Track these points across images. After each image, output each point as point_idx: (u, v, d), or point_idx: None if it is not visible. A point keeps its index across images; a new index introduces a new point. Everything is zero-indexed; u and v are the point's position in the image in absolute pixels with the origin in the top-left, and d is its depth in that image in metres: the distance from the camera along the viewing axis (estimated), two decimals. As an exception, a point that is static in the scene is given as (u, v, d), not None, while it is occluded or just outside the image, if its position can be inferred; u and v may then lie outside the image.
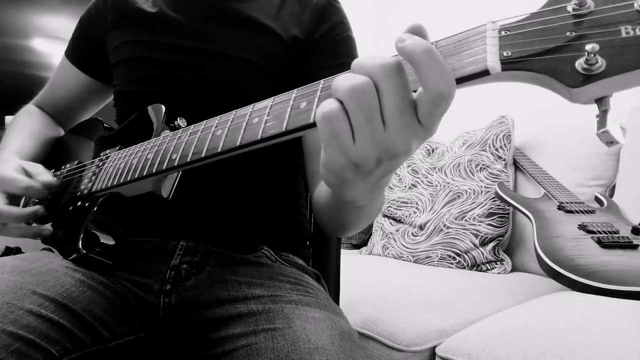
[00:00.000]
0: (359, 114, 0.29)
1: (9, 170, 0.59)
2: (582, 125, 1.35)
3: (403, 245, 1.43)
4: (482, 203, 1.32)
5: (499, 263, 1.26)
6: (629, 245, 0.89)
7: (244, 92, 0.63)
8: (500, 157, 1.40)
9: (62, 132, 0.81)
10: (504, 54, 0.28)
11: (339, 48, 0.67)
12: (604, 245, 0.89)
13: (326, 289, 0.65)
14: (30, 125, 0.75)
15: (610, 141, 0.25)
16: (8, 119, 1.41)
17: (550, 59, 0.26)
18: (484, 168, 1.40)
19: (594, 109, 0.26)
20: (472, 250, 1.27)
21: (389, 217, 1.57)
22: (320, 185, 0.59)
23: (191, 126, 0.47)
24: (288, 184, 0.69)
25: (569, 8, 0.27)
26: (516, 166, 1.44)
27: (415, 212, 1.48)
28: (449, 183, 1.44)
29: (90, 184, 0.58)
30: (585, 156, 1.31)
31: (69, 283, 0.48)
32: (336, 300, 0.81)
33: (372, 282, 1.08)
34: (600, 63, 0.25)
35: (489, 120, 1.50)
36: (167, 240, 0.58)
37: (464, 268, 1.28)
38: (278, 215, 0.66)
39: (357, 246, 1.74)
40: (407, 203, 1.52)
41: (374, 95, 0.29)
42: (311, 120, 0.33)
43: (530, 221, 1.09)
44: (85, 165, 0.63)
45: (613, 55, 0.24)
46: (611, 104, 0.25)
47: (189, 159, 0.43)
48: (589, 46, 0.25)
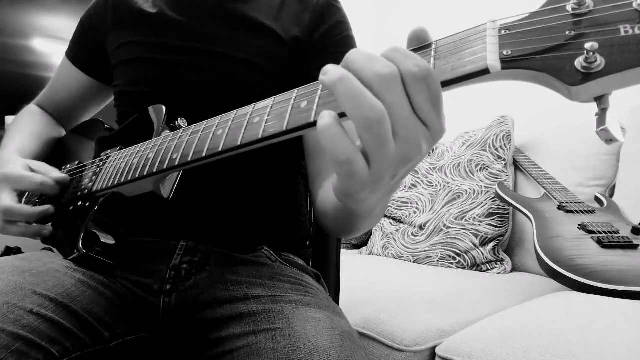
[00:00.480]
0: (373, 144, 0.28)
1: (17, 169, 0.59)
2: (582, 125, 1.36)
3: (403, 245, 1.43)
4: (482, 203, 1.32)
5: (499, 263, 1.26)
6: (629, 245, 0.89)
7: (244, 93, 0.63)
8: (500, 157, 1.40)
9: (63, 133, 0.81)
10: (504, 52, 0.28)
11: (339, 48, 0.68)
12: (604, 245, 0.89)
13: (326, 289, 0.65)
14: (31, 125, 0.75)
15: (609, 139, 0.25)
16: (8, 119, 1.42)
17: (550, 57, 0.26)
18: (484, 168, 1.40)
19: (593, 108, 0.26)
20: (472, 250, 1.27)
21: (389, 217, 1.57)
22: (325, 189, 0.59)
23: (192, 126, 0.47)
24: (288, 183, 0.69)
25: (569, 7, 0.27)
26: (516, 166, 1.44)
27: (415, 212, 1.48)
28: (449, 183, 1.45)
29: (90, 184, 0.58)
30: (585, 156, 1.31)
31: (69, 283, 0.48)
32: (336, 300, 0.81)
33: (372, 282, 1.08)
34: (600, 61, 0.25)
35: (489, 120, 1.51)
36: (167, 240, 0.58)
37: (464, 268, 1.28)
38: (278, 215, 0.66)
39: (357, 246, 1.74)
40: (407, 203, 1.52)
41: (388, 122, 0.27)
42: (312, 119, 0.33)
43: (530, 221, 1.09)
44: (85, 165, 0.63)
45: (612, 54, 0.25)
46: (610, 102, 0.25)
47: (189, 159, 0.43)
48: (588, 45, 0.25)
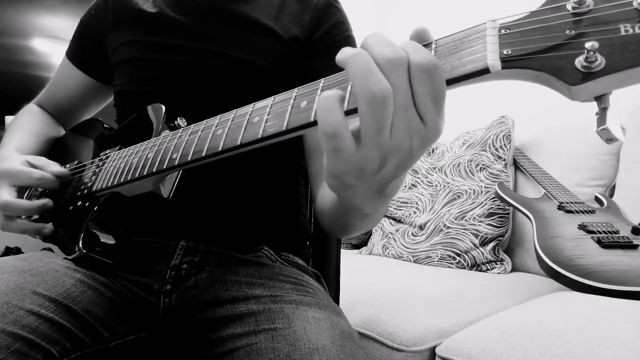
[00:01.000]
0: (372, 123, 0.28)
1: (16, 164, 0.59)
2: (582, 125, 1.35)
3: (403, 245, 1.43)
4: (482, 203, 1.32)
5: (499, 263, 1.26)
6: (629, 245, 0.89)
7: (244, 93, 0.62)
8: (500, 157, 1.40)
9: (63, 132, 0.81)
10: (504, 52, 0.28)
11: (339, 48, 0.67)
12: (604, 245, 0.89)
13: (326, 289, 0.65)
14: (31, 124, 0.75)
15: (609, 138, 0.25)
16: (8, 119, 1.42)
17: (550, 56, 0.26)
18: (484, 168, 1.40)
19: (593, 108, 0.26)
20: (472, 250, 1.27)
21: (389, 217, 1.57)
22: (324, 187, 0.59)
23: (191, 125, 0.46)
24: (288, 183, 0.69)
25: (569, 6, 0.27)
26: (516, 166, 1.44)
27: (415, 212, 1.48)
28: (449, 183, 1.44)
29: (90, 184, 0.58)
30: (585, 156, 1.31)
31: (69, 283, 0.48)
32: (336, 300, 0.81)
33: (372, 282, 1.08)
34: (600, 61, 0.25)
35: (489, 120, 1.50)
36: (167, 240, 0.58)
37: (464, 268, 1.28)
38: (276, 215, 0.66)
39: (357, 246, 1.74)
40: (407, 203, 1.52)
41: (391, 102, 0.27)
42: (312, 119, 0.33)
43: (530, 221, 1.09)
44: (85, 165, 0.63)
45: (612, 53, 0.24)
46: (611, 102, 0.25)
47: (189, 158, 0.43)
48: (588, 44, 0.25)
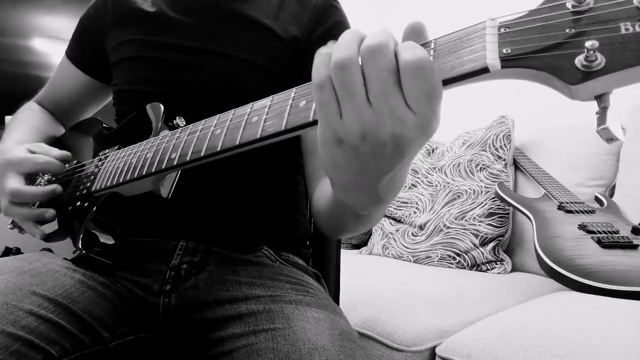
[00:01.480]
0: (340, 89, 0.30)
1: (19, 152, 0.60)
2: (582, 124, 1.35)
3: (403, 245, 1.43)
4: (482, 203, 1.32)
5: (499, 263, 1.26)
6: (629, 245, 0.89)
7: (243, 92, 0.62)
8: (500, 157, 1.40)
9: (63, 130, 0.81)
10: (504, 51, 0.28)
11: None
12: (604, 245, 0.89)
13: (326, 289, 0.65)
14: (31, 120, 0.75)
15: (610, 138, 0.25)
16: (8, 119, 1.41)
17: (550, 56, 0.26)
18: (484, 168, 1.40)
19: (593, 108, 0.26)
20: (472, 250, 1.27)
21: (389, 217, 1.57)
22: (322, 187, 0.59)
23: (190, 125, 0.46)
24: (287, 183, 0.69)
25: (568, 5, 0.27)
26: (516, 166, 1.44)
27: (415, 212, 1.48)
28: (449, 183, 1.44)
29: (89, 184, 0.58)
30: (585, 156, 1.31)
31: (68, 283, 0.48)
32: (336, 300, 0.81)
33: (372, 282, 1.08)
34: (600, 60, 0.24)
35: (489, 120, 1.50)
36: (167, 240, 0.58)
37: (464, 268, 1.28)
38: (277, 214, 0.65)
39: (357, 246, 1.74)
40: (407, 203, 1.52)
41: (356, 72, 0.29)
42: (311, 118, 0.33)
43: (530, 221, 1.09)
44: (84, 165, 0.63)
45: (613, 52, 0.24)
46: (611, 101, 0.25)
47: (188, 158, 0.43)
48: (588, 43, 0.25)
